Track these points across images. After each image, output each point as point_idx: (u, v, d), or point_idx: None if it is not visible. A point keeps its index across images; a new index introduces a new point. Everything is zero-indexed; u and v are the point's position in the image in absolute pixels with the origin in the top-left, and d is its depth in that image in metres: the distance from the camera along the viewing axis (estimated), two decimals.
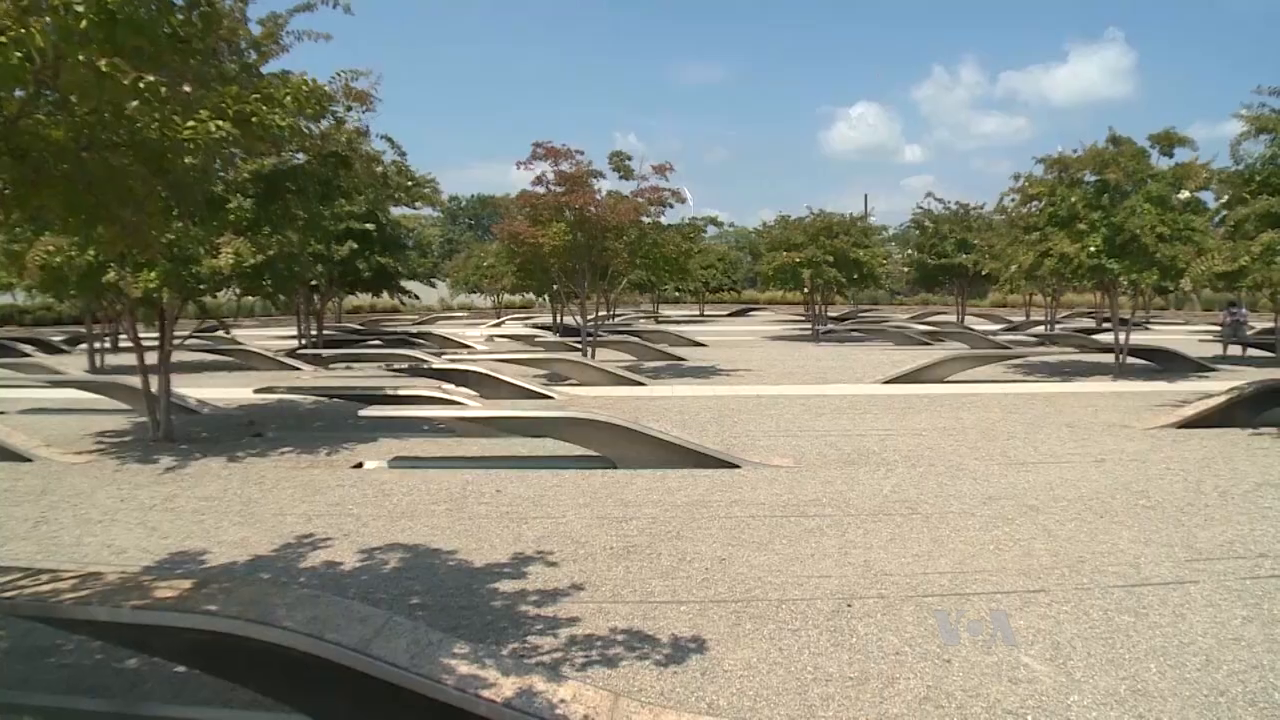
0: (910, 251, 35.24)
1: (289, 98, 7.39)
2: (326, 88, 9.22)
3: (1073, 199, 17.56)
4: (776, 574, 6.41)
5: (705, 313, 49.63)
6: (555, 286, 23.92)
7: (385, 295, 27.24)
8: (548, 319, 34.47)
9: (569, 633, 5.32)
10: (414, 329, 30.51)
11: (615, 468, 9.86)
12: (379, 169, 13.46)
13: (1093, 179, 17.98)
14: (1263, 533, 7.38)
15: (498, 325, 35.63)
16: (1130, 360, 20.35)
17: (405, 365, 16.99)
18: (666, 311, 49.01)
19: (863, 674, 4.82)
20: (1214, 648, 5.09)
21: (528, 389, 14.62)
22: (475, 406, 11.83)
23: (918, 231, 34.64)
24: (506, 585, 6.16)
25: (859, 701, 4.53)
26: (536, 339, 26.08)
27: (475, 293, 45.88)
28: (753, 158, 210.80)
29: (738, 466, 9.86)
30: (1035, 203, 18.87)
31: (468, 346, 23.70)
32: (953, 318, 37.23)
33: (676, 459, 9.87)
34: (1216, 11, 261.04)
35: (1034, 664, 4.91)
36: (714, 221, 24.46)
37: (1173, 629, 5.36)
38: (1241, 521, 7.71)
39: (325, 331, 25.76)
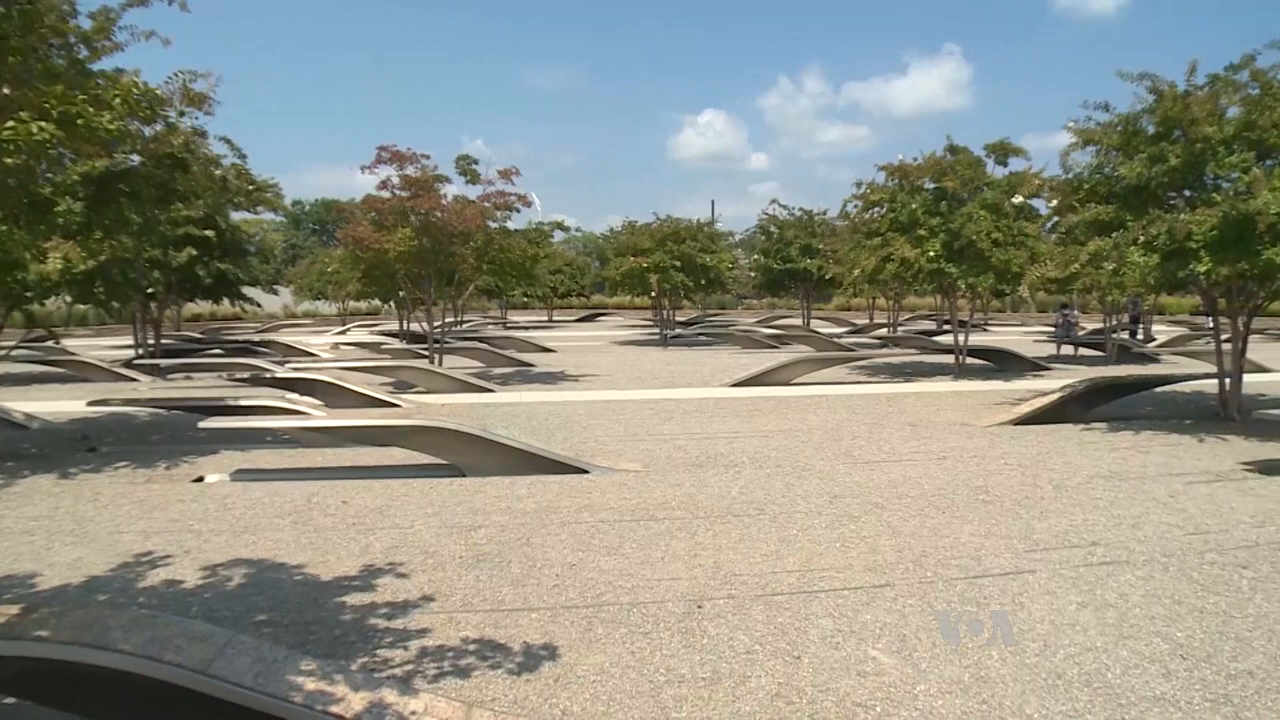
0: (756, 257, 35.87)
1: (118, 99, 7.07)
2: (161, 90, 8.86)
3: (913, 206, 18.25)
4: (627, 578, 6.43)
5: (554, 318, 49.51)
6: (401, 293, 23.43)
7: (226, 303, 26.11)
8: (394, 326, 33.81)
9: (420, 644, 5.21)
10: (257, 337, 29.50)
11: (464, 475, 9.74)
12: (218, 172, 12.99)
13: (932, 186, 18.73)
14: (1095, 522, 7.80)
15: (343, 333, 34.79)
16: (969, 361, 21.24)
17: (247, 375, 16.36)
18: (515, 317, 48.70)
19: (715, 674, 4.86)
20: (1051, 633, 5.34)
21: (374, 397, 14.30)
22: (320, 416, 11.50)
23: (764, 237, 35.28)
24: (355, 598, 6.00)
25: (712, 701, 4.57)
26: (383, 346, 25.49)
27: (320, 299, 44.63)
28: (601, 163, 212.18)
29: (587, 472, 9.86)
30: (877, 209, 19.51)
31: (312, 355, 23.05)
32: (798, 321, 38.04)
33: (525, 465, 9.81)
34: (1049, 29, 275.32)
35: (881, 657, 5.05)
36: (561, 226, 24.45)
37: (1012, 617, 5.59)
38: (1075, 512, 8.13)
39: (163, 341, 24.58)
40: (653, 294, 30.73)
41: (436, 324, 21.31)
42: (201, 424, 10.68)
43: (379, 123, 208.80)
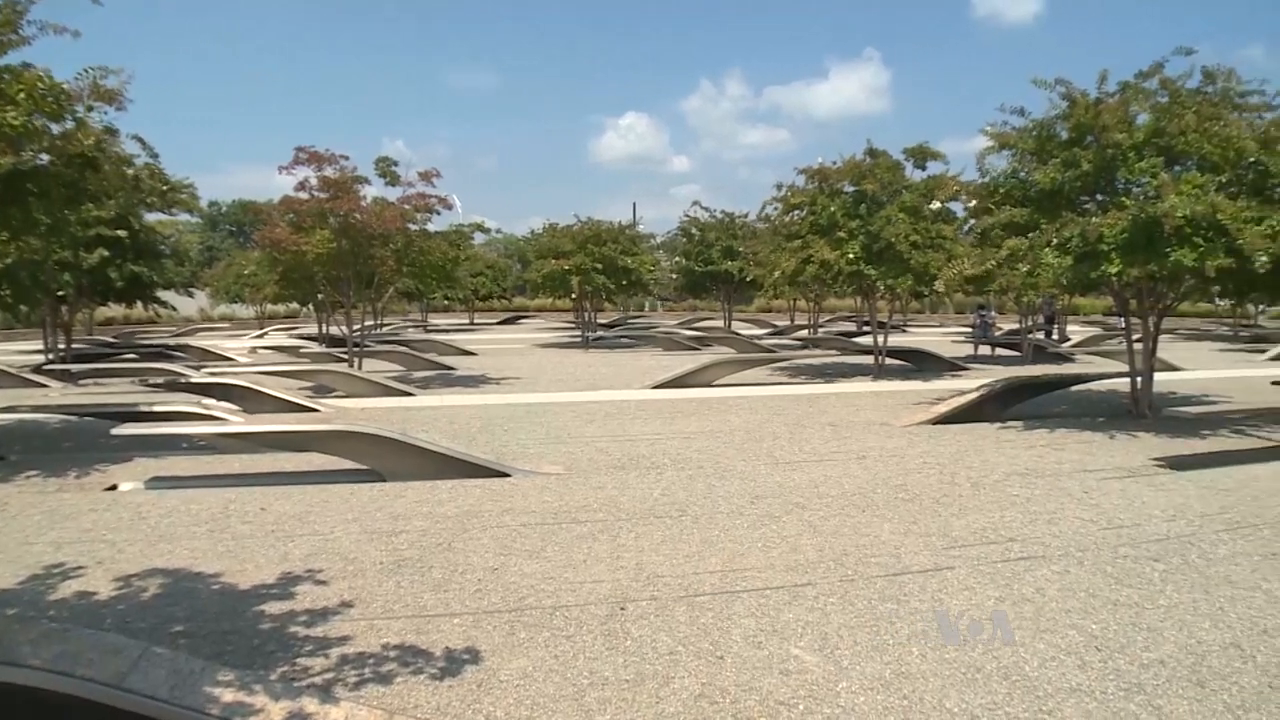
0: (678, 259, 36.08)
1: (22, 94, 6.85)
2: (70, 86, 8.62)
3: (832, 208, 18.49)
4: (550, 581, 6.39)
5: (475, 321, 49.23)
6: (320, 295, 23.10)
7: (140, 306, 25.47)
8: (313, 329, 33.33)
9: (340, 652, 5.12)
10: (172, 341, 28.77)
11: (384, 480, 9.60)
12: (130, 172, 12.67)
13: (851, 189, 19.01)
14: (1012, 518, 7.96)
15: (261, 336, 34.16)
16: (889, 361, 21.56)
17: (162, 380, 15.99)
18: (436, 320, 48.32)
19: (639, 675, 4.85)
20: (970, 628, 5.43)
21: (293, 402, 14.09)
22: (237, 422, 11.28)
23: (685, 239, 35.51)
24: (274, 606, 5.87)
25: (636, 703, 4.56)
26: (301, 350, 25.11)
27: (237, 303, 43.80)
28: (523, 165, 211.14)
29: (508, 475, 9.79)
30: (797, 211, 19.72)
31: (229, 359, 22.59)
32: (720, 323, 38.31)
33: (446, 469, 9.71)
34: (967, 36, 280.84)
35: (804, 655, 5.08)
36: (481, 228, 24.32)
37: (932, 613, 5.68)
38: (992, 509, 8.29)
39: (75, 345, 23.94)
40: (574, 296, 30.71)
41: (356, 327, 21.05)
42: (114, 430, 10.39)
43: (298, 123, 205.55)
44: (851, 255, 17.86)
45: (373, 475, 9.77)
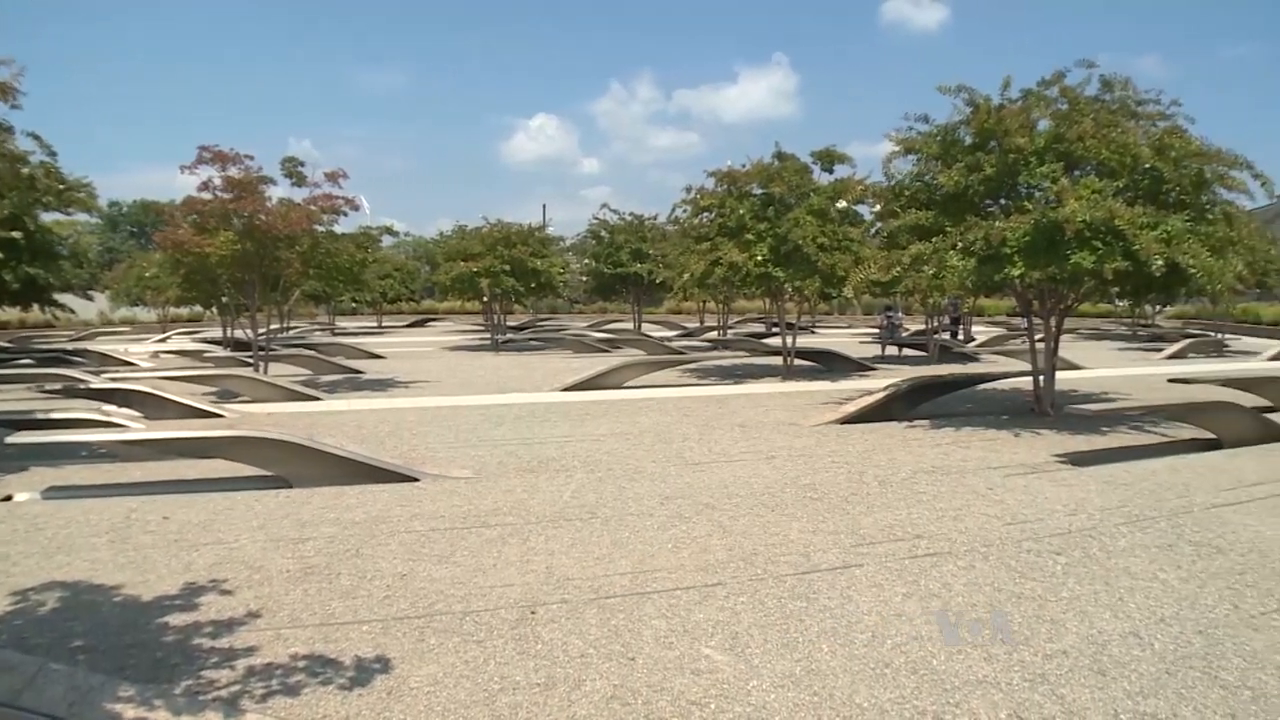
0: (588, 261, 35.97)
1: None
2: None
3: (741, 211, 18.62)
4: (459, 586, 6.32)
5: (383, 324, 48.43)
6: (224, 298, 22.57)
7: (37, 309, 24.55)
8: (218, 333, 32.55)
9: (247, 663, 4.99)
10: (70, 346, 27.70)
11: (291, 487, 9.40)
12: (25, 170, 12.24)
13: (760, 192, 19.16)
14: (919, 516, 8.10)
15: (163, 340, 33.13)
16: (798, 362, 21.76)
17: (60, 386, 15.37)
18: (343, 323, 47.46)
19: (550, 679, 4.82)
20: (879, 624, 5.51)
21: (196, 408, 13.70)
22: (139, 428, 10.93)
23: (595, 241, 35.43)
24: (178, 618, 5.70)
25: (547, 707, 4.53)
26: (205, 354, 24.43)
27: (138, 306, 42.46)
28: (432, 167, 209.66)
29: (417, 480, 9.67)
30: (706, 214, 19.81)
31: (130, 364, 21.87)
32: (630, 325, 38.34)
33: (354, 475, 9.54)
34: (874, 42, 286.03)
35: (715, 654, 5.10)
36: (389, 231, 24.04)
37: (841, 610, 5.75)
38: (900, 507, 8.42)
39: None
40: (484, 299, 30.50)
41: (261, 331, 20.63)
42: (9, 439, 9.98)
43: (202, 121, 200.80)
44: (760, 257, 18.01)
45: (279, 482, 9.57)
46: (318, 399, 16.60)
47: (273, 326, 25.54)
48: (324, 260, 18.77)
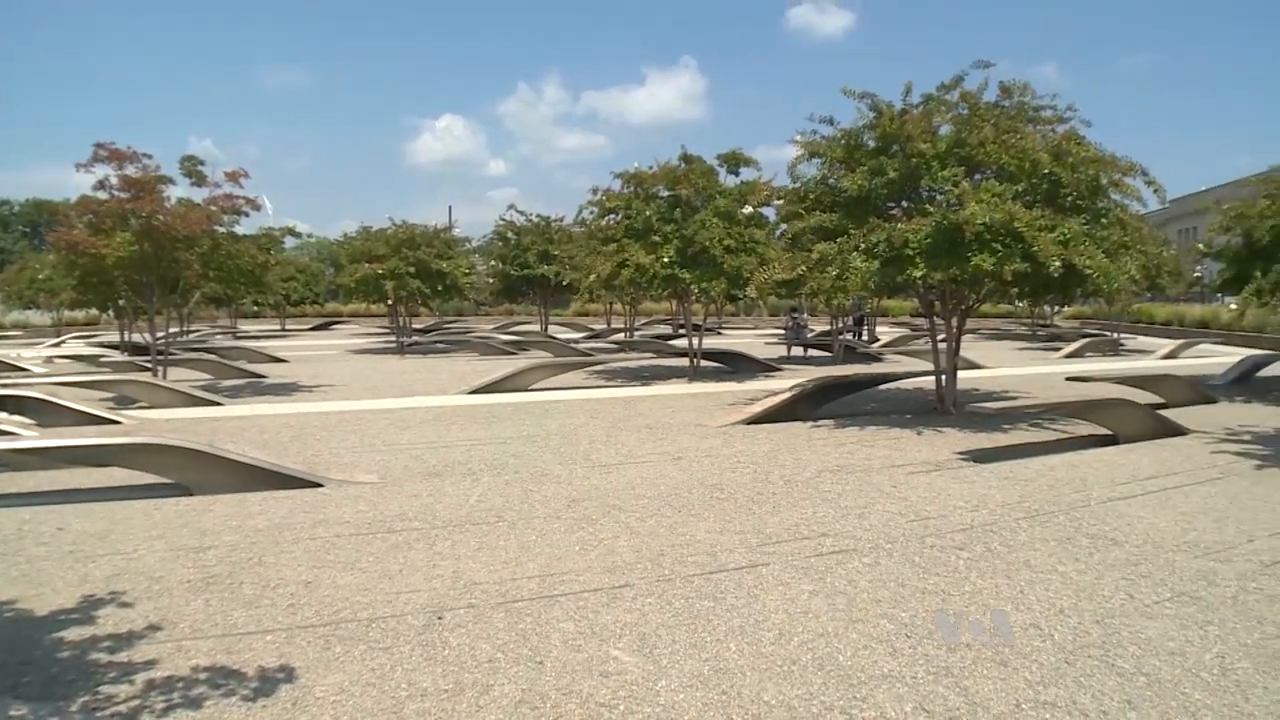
0: (494, 263, 35.75)
1: None
2: None
3: (648, 212, 18.71)
4: (365, 593, 6.21)
5: (287, 327, 47.63)
6: (121, 301, 21.88)
7: None
8: (115, 337, 31.57)
9: (146, 677, 4.82)
10: None
11: (191, 495, 9.13)
12: None
13: (666, 194, 19.26)
14: (824, 514, 8.20)
15: (58, 345, 32.06)
16: (704, 363, 21.93)
17: None
18: (246, 326, 46.52)
19: (458, 685, 4.76)
20: (786, 622, 5.55)
21: (92, 414, 13.30)
22: (31, 436, 10.56)
23: (501, 243, 35.26)
24: (74, 632, 5.48)
25: (455, 713, 4.46)
26: (102, 359, 23.67)
27: (31, 309, 41.01)
28: (337, 167, 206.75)
29: (321, 485, 9.48)
30: (613, 215, 19.86)
31: (22, 369, 21.13)
32: (536, 327, 38.26)
33: (257, 481, 9.32)
34: (781, 47, 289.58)
35: (623, 656, 5.09)
36: (292, 232, 23.41)
37: (748, 609, 5.78)
38: (805, 506, 8.51)
39: None
40: (389, 301, 30.18)
41: (160, 334, 20.08)
42: None
43: (99, 118, 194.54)
44: (666, 259, 18.11)
45: (179, 489, 9.30)
46: (219, 404, 16.23)
47: (172, 330, 24.89)
48: (224, 262, 18.35)
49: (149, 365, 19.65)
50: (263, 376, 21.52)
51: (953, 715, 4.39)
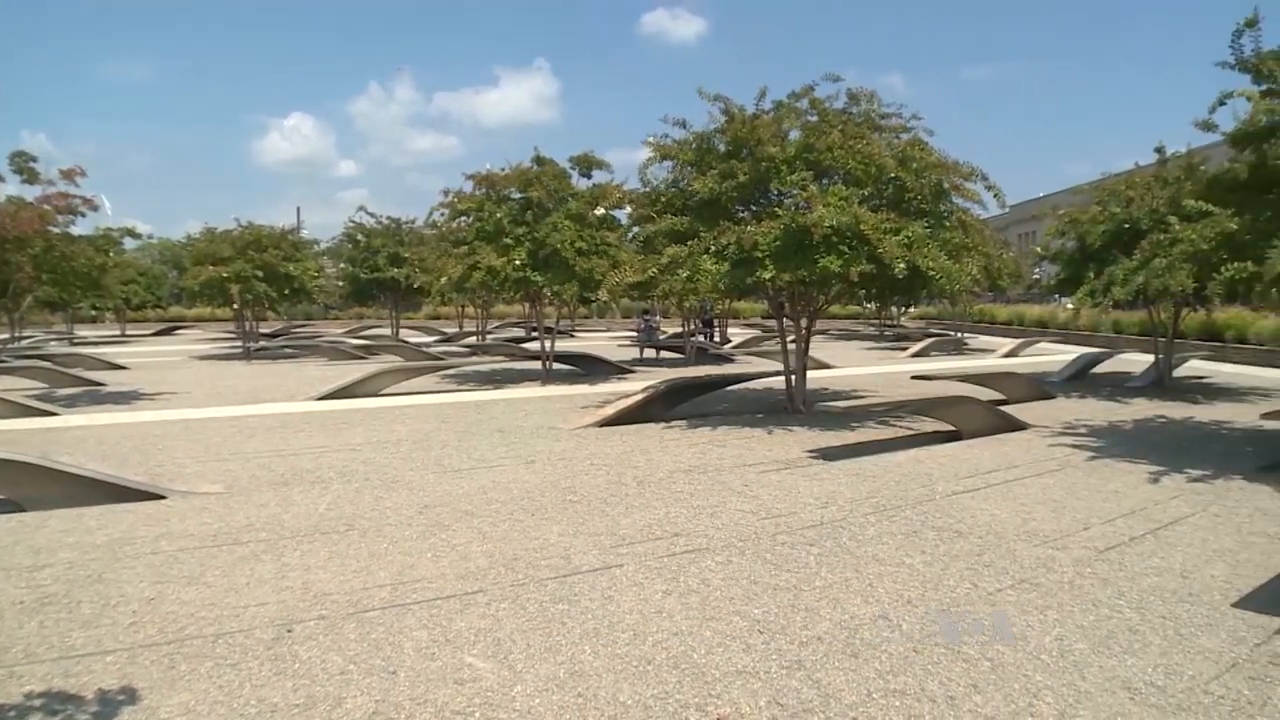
0: (343, 265, 35.06)
1: None
2: None
3: (499, 215, 18.58)
4: (211, 607, 5.98)
5: (128, 333, 45.66)
6: None
7: None
8: None
9: None
10: None
11: (23, 510, 8.62)
12: None
13: (518, 196, 19.17)
14: (677, 514, 8.27)
15: None
16: (557, 366, 21.90)
17: None
18: (83, 332, 44.42)
19: (309, 698, 4.62)
20: (640, 622, 5.57)
21: None
22: None
23: (351, 245, 34.60)
24: None
25: None
26: None
27: None
28: (180, 166, 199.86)
29: (164, 497, 9.09)
30: (464, 218, 19.68)
31: None
32: (387, 331, 37.71)
33: (95, 494, 8.86)
34: (634, 51, 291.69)
35: (477, 663, 5.02)
36: (131, 233, 22.44)
37: (603, 611, 5.78)
38: (658, 506, 8.58)
39: None
40: (234, 305, 29.32)
41: None
42: None
43: None
44: (518, 261, 18.01)
45: (9, 505, 8.78)
46: (54, 414, 15.44)
47: (2, 336, 23.59)
48: (59, 264, 17.53)
49: None
50: (101, 384, 20.56)
51: (806, 707, 4.48)
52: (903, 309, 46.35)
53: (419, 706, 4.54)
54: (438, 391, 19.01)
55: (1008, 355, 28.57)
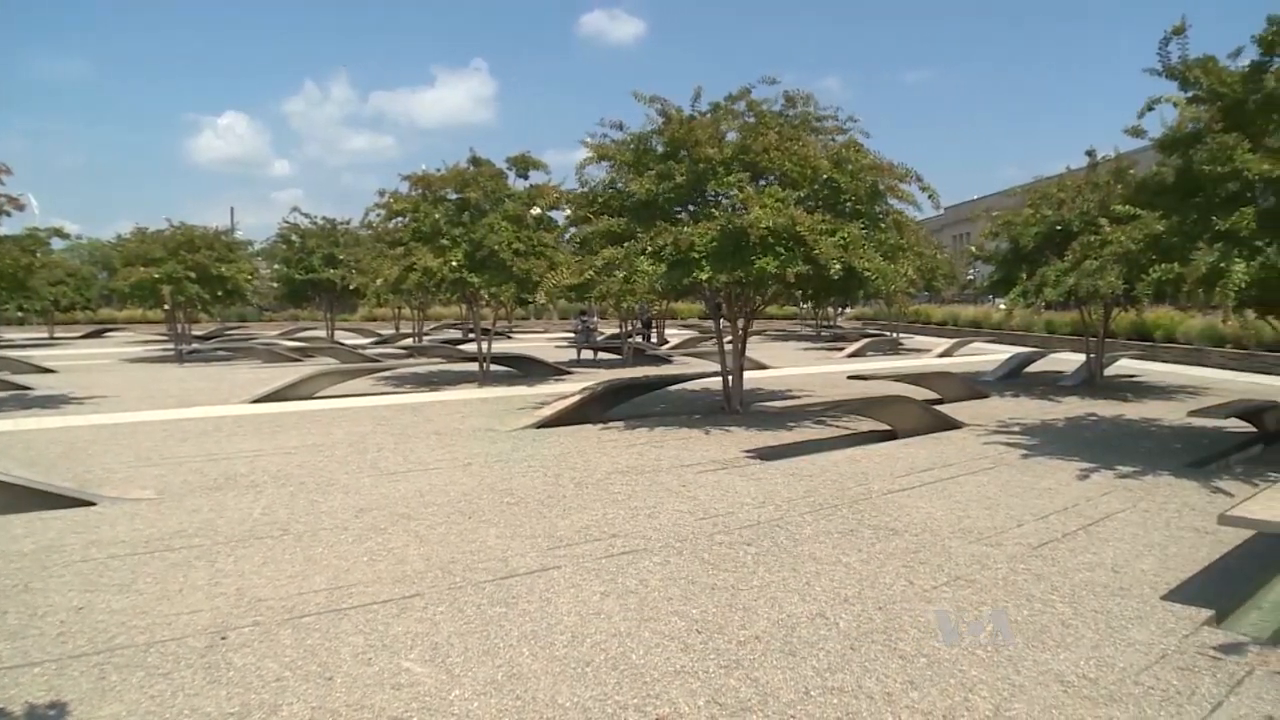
0: (278, 266, 34.60)
1: None
2: None
3: (435, 216, 18.49)
4: (143, 616, 5.86)
5: (56, 335, 44.72)
6: None
7: None
8: None
9: None
10: None
11: None
12: None
13: (455, 197, 19.09)
14: (614, 515, 8.27)
15: None
16: (494, 368, 21.81)
17: None
18: (9, 335, 43.47)
19: (244, 707, 4.55)
20: (578, 624, 5.56)
21: None
22: None
23: (285, 246, 34.16)
24: None
25: None
26: None
27: None
28: (112, 164, 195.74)
29: (94, 504, 8.88)
30: (400, 218, 19.59)
31: None
32: (323, 333, 37.31)
33: (21, 502, 8.64)
34: (572, 53, 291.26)
35: (415, 667, 4.99)
36: (59, 233, 21.95)
37: (541, 613, 5.76)
38: (596, 508, 8.57)
39: None
40: (166, 307, 28.84)
41: None
42: None
43: None
44: (455, 263, 17.92)
45: None
46: None
47: None
48: None
49: None
50: (28, 388, 20.06)
51: (744, 706, 4.50)
52: (839, 309, 46.85)
53: (356, 712, 4.49)
54: (374, 394, 18.84)
55: (943, 355, 28.99)
